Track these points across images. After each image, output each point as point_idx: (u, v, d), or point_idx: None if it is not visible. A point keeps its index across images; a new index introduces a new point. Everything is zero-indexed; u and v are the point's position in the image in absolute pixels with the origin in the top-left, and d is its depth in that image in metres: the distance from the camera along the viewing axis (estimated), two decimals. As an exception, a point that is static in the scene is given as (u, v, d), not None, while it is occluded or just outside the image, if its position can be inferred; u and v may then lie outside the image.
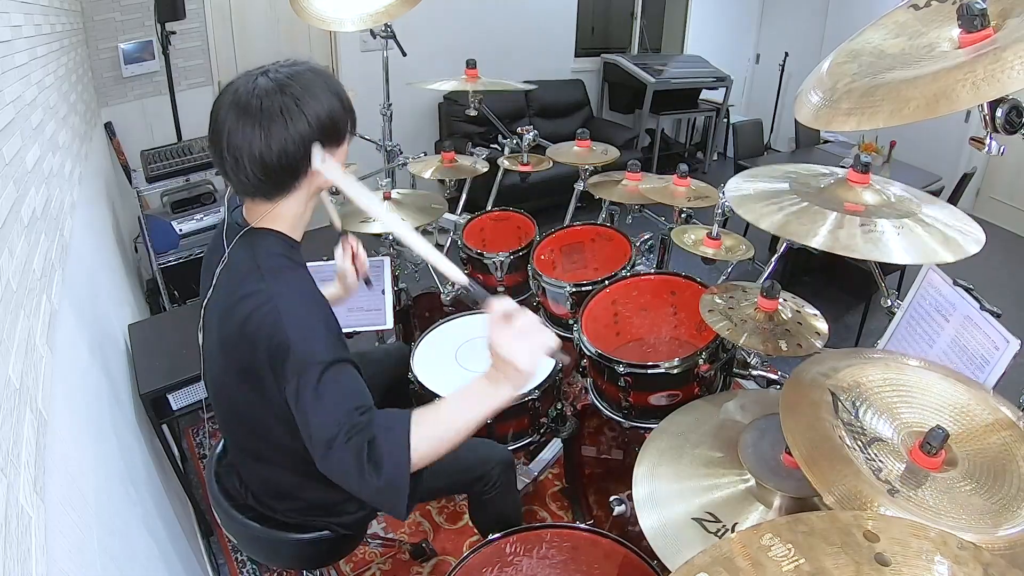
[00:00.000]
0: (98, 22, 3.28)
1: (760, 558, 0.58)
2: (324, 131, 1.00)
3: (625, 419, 1.62)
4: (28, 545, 0.69)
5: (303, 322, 0.98)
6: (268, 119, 0.95)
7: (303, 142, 0.98)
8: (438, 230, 2.55)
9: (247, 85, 0.98)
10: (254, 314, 0.99)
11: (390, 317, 1.94)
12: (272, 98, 0.96)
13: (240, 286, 1.03)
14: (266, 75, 0.99)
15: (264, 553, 1.42)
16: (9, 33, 1.39)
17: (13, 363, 0.83)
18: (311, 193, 1.08)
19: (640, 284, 1.82)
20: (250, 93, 0.97)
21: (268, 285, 1.00)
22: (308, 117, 0.97)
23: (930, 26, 0.95)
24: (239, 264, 1.06)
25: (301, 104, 0.97)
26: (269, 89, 0.97)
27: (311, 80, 1.00)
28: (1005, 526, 0.79)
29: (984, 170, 4.64)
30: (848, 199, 1.22)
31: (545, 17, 5.03)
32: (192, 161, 2.89)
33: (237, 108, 0.97)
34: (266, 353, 0.98)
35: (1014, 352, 1.09)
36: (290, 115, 0.96)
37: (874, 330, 3.08)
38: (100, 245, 2.12)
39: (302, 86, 0.98)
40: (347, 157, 1.10)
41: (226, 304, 1.06)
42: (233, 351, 1.05)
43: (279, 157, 0.97)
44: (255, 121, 0.96)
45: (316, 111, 0.98)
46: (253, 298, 1.00)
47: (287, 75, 0.99)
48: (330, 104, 1.00)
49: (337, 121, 1.02)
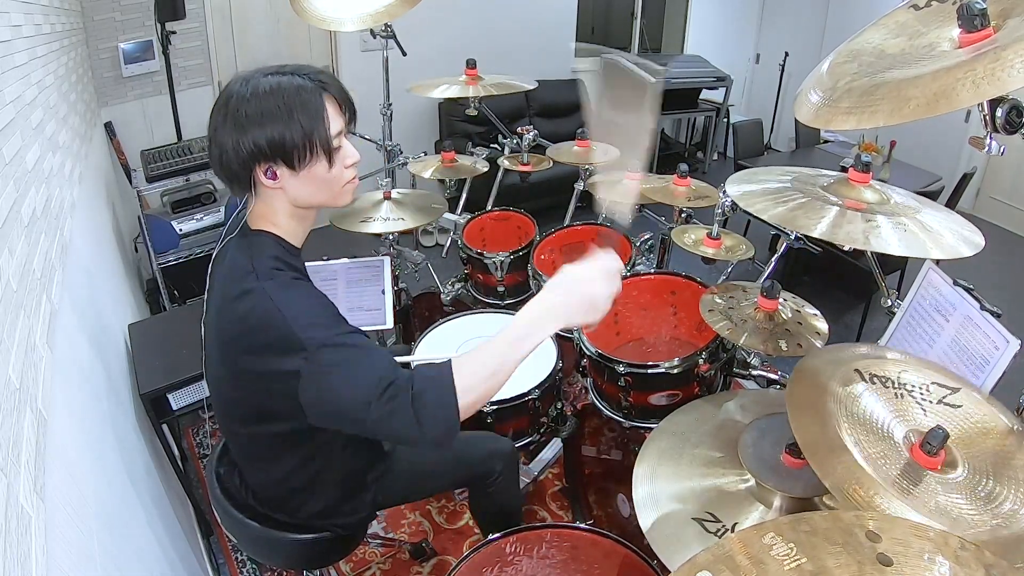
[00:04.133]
0: (98, 22, 3.28)
1: (762, 557, 0.58)
2: (267, 153, 0.99)
3: (625, 419, 1.62)
4: (28, 545, 0.69)
5: (302, 310, 0.99)
6: (233, 120, 0.98)
7: (246, 156, 0.99)
8: (438, 230, 2.56)
9: (240, 81, 1.01)
10: (254, 310, 0.99)
11: (390, 317, 1.93)
12: (241, 104, 0.98)
13: (235, 285, 1.03)
14: (259, 77, 1.00)
15: (264, 553, 1.42)
16: (9, 33, 1.39)
17: (13, 363, 0.83)
18: (293, 200, 1.06)
19: (640, 284, 1.82)
20: (235, 91, 0.99)
21: (262, 283, 1.00)
22: (254, 135, 0.98)
23: (930, 26, 0.95)
24: (236, 264, 1.06)
25: (251, 121, 0.97)
26: (244, 94, 0.98)
27: (284, 99, 0.98)
28: (1005, 527, 0.79)
29: (984, 170, 4.63)
30: (849, 197, 1.22)
31: (545, 17, 5.03)
32: (192, 161, 2.89)
33: (221, 101, 1.00)
34: (271, 348, 0.98)
35: (1014, 352, 1.09)
36: (241, 127, 0.98)
37: (874, 330, 3.08)
38: (100, 245, 2.12)
39: (264, 106, 0.98)
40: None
41: (221, 302, 1.06)
42: (233, 349, 1.05)
43: (226, 160, 1.00)
44: (224, 116, 0.99)
45: (264, 134, 0.98)
46: (249, 297, 1.00)
47: (267, 87, 0.98)
48: (282, 132, 0.98)
49: (286, 147, 0.99)
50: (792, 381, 1.03)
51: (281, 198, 1.06)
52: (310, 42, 4.15)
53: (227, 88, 1.01)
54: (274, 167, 1.01)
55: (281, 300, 0.98)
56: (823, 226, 1.12)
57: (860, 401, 0.97)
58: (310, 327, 0.97)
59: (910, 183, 2.63)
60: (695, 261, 1.87)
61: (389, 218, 2.10)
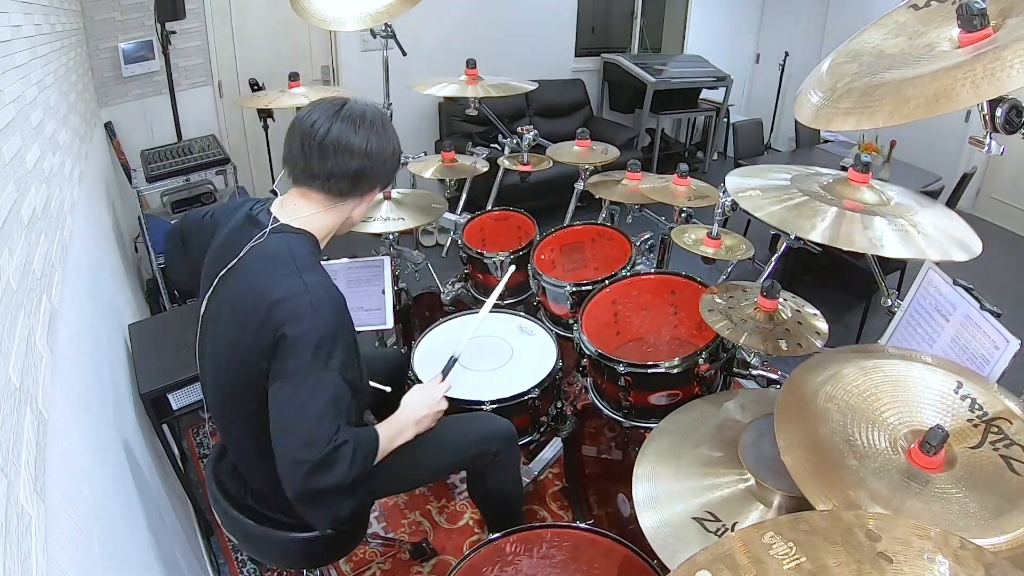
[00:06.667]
0: (98, 22, 3.28)
1: (762, 556, 0.58)
2: (389, 170, 1.22)
3: (625, 419, 1.62)
4: (28, 545, 0.69)
5: (328, 327, 1.06)
6: (379, 128, 1.16)
7: (391, 159, 1.19)
8: (438, 230, 2.56)
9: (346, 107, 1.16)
10: (286, 300, 1.05)
11: (390, 317, 1.93)
12: (375, 117, 1.17)
13: (276, 270, 1.09)
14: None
15: (264, 552, 1.42)
16: (9, 33, 1.39)
17: (13, 363, 0.83)
18: (348, 213, 1.23)
19: (640, 284, 1.82)
20: (355, 111, 1.15)
21: (305, 278, 1.08)
22: (388, 152, 1.18)
23: (930, 26, 0.95)
24: (277, 252, 1.12)
25: (389, 136, 1.19)
26: (369, 114, 1.16)
27: (389, 123, 1.21)
28: (1004, 529, 0.79)
29: (984, 170, 4.63)
30: (848, 197, 1.22)
31: (545, 17, 5.03)
32: (192, 161, 2.89)
33: (340, 116, 1.14)
34: (280, 339, 1.04)
35: (1014, 352, 1.09)
36: (388, 137, 1.18)
37: (874, 330, 3.08)
38: (100, 245, 2.11)
39: (385, 124, 1.19)
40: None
41: (251, 286, 1.10)
42: (245, 326, 1.08)
43: (371, 160, 1.15)
44: (360, 124, 1.14)
45: (395, 151, 1.21)
46: (288, 284, 1.06)
47: (374, 114, 1.18)
48: (397, 152, 1.22)
49: (395, 166, 1.23)
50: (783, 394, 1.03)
51: (351, 215, 1.24)
52: (310, 42, 4.15)
53: (326, 111, 1.14)
54: (380, 186, 1.25)
55: (317, 303, 1.07)
56: (822, 229, 1.12)
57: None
58: (320, 347, 1.05)
59: (910, 183, 2.61)
60: (695, 261, 1.87)
61: (389, 218, 2.10)
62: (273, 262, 1.11)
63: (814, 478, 0.86)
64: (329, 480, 1.03)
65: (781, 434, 0.93)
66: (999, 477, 0.85)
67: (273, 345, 1.04)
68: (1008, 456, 0.87)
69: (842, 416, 0.96)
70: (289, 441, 1.04)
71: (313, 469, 1.02)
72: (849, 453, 0.90)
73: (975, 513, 0.81)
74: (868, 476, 0.86)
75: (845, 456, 0.89)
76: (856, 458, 0.89)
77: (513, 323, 1.89)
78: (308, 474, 1.02)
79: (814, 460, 0.89)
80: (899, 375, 1.03)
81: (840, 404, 0.98)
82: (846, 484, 0.84)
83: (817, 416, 0.96)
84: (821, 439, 0.92)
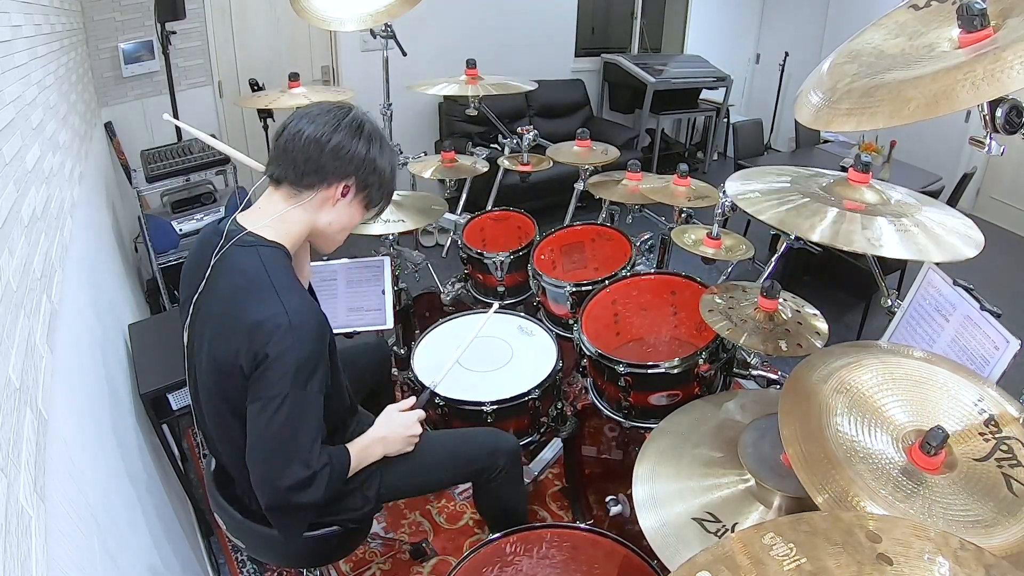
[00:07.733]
0: (98, 22, 3.28)
1: (762, 557, 0.58)
2: (364, 171, 1.15)
3: (625, 419, 1.62)
4: (28, 545, 0.69)
5: (308, 350, 1.05)
6: (337, 121, 1.12)
7: (349, 158, 1.12)
8: (438, 230, 2.56)
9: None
10: (266, 322, 1.03)
11: (390, 317, 1.93)
12: (339, 111, 1.14)
13: (254, 291, 1.07)
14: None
15: (264, 552, 1.41)
16: (9, 33, 1.38)
17: (13, 363, 0.83)
18: (314, 212, 1.16)
19: (640, 284, 1.82)
20: (317, 107, 1.14)
21: (285, 300, 1.05)
22: (361, 149, 1.13)
23: (930, 26, 0.95)
24: (248, 271, 1.09)
25: (364, 136, 1.14)
26: (333, 110, 1.14)
27: (385, 141, 1.19)
28: (1004, 530, 0.79)
29: (984, 170, 4.64)
30: (848, 197, 1.22)
31: (545, 17, 5.03)
32: (192, 161, 2.89)
33: (298, 114, 1.14)
34: (262, 360, 1.02)
35: (1014, 352, 1.09)
36: (356, 134, 1.13)
37: (874, 330, 3.08)
38: (100, 245, 2.11)
39: (379, 135, 1.17)
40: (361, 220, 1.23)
41: (229, 305, 1.08)
42: (226, 350, 1.06)
43: (327, 149, 1.10)
44: (317, 116, 1.12)
45: (371, 154, 1.14)
46: (267, 307, 1.04)
47: (338, 110, 1.15)
48: (383, 163, 1.17)
49: (381, 179, 1.18)
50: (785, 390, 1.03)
51: (318, 218, 1.16)
52: (310, 42, 4.15)
53: (352, 109, 1.15)
54: (351, 187, 1.15)
55: (297, 325, 1.05)
56: (822, 229, 1.12)
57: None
58: (300, 371, 1.05)
59: (910, 183, 2.61)
60: (695, 261, 1.87)
61: (389, 219, 2.10)
62: (248, 281, 1.08)
63: (811, 466, 0.86)
64: (304, 499, 1.08)
65: (784, 415, 0.94)
66: (994, 492, 0.85)
67: (253, 366, 1.04)
68: (1010, 476, 0.87)
69: (848, 409, 0.96)
70: (268, 462, 1.07)
71: (292, 489, 1.06)
72: (851, 448, 0.89)
73: (958, 519, 0.81)
74: (865, 470, 0.86)
75: (846, 448, 0.89)
76: (857, 454, 0.89)
77: (513, 323, 1.89)
78: (286, 491, 1.06)
79: (813, 450, 0.89)
80: (922, 376, 1.02)
81: (849, 397, 0.98)
82: (843, 477, 0.84)
83: (821, 407, 0.96)
84: (823, 430, 0.92)
